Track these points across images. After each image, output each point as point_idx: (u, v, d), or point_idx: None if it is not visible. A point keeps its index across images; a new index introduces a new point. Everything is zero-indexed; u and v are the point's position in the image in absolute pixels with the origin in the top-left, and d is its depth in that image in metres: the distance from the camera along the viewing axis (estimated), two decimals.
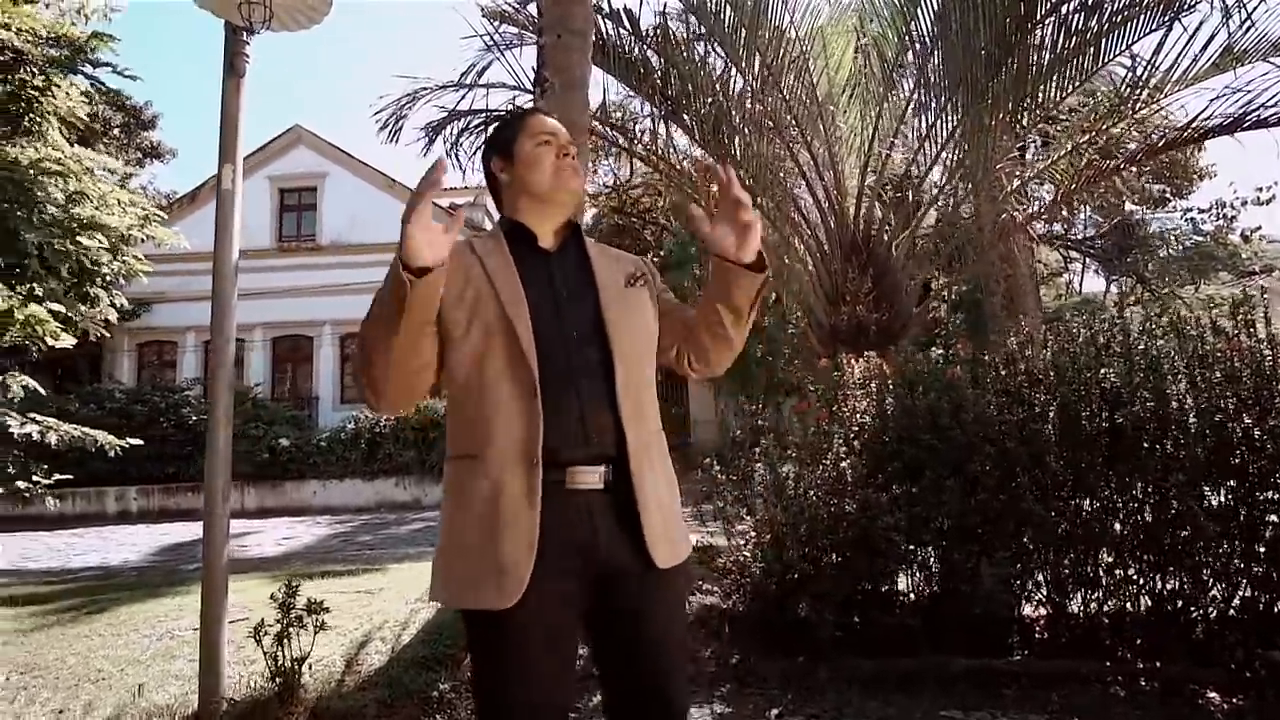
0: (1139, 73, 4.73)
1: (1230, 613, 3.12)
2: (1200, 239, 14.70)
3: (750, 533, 3.49)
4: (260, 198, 16.76)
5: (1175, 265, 14.12)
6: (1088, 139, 5.24)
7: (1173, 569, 3.16)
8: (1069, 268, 17.40)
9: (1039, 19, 4.59)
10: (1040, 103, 4.91)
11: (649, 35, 5.26)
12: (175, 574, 6.64)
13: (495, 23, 5.33)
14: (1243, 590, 3.06)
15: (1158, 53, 4.61)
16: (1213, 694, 2.89)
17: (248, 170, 16.88)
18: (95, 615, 4.54)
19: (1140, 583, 3.25)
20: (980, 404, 3.20)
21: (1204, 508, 3.02)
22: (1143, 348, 3.24)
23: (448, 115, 5.49)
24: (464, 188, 16.77)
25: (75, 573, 7.04)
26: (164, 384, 14.90)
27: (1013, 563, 3.14)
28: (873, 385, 3.69)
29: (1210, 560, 3.08)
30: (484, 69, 5.46)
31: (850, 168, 5.61)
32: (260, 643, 2.86)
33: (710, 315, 1.43)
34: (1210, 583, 3.12)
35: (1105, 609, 3.29)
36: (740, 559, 3.48)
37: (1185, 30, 4.49)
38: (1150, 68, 4.69)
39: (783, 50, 5.26)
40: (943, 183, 5.58)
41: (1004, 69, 4.74)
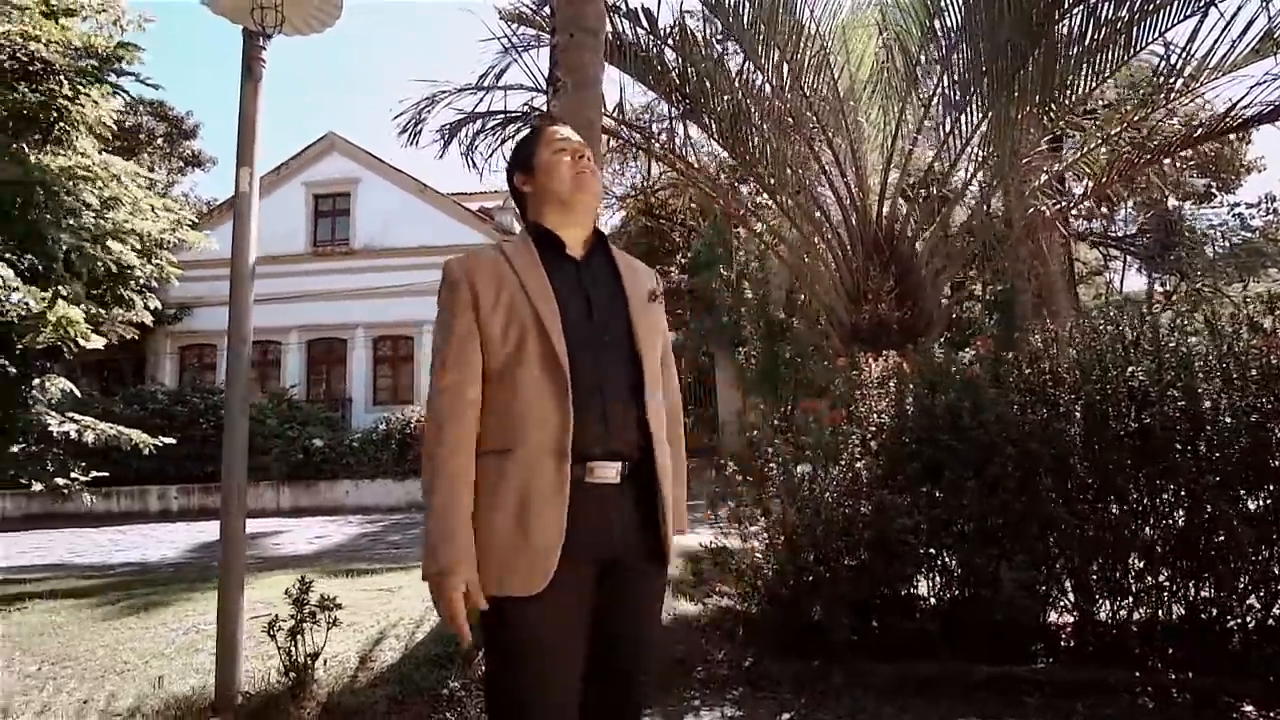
0: (1173, 61, 4.56)
1: (1270, 622, 2.98)
2: (1249, 235, 14.13)
3: (764, 534, 3.44)
4: (296, 203, 17.15)
5: (1222, 262, 13.60)
6: (1119, 131, 5.06)
7: (1207, 576, 3.03)
8: (1109, 266, 16.89)
9: (1066, 8, 4.45)
10: (1069, 95, 4.76)
11: (667, 34, 5.24)
12: (209, 570, 6.79)
13: (513, 25, 5.37)
14: None
15: (1192, 40, 4.44)
16: (1248, 707, 2.77)
17: (284, 177, 17.34)
18: (127, 609, 4.66)
19: (1172, 590, 3.13)
20: (1001, 404, 3.11)
21: (1239, 512, 2.89)
22: (1174, 345, 3.11)
23: (463, 118, 5.54)
24: (493, 192, 16.96)
25: (114, 568, 7.25)
26: (203, 386, 15.30)
27: (1034, 567, 3.05)
28: (891, 385, 3.62)
29: (1246, 567, 2.95)
30: (502, 71, 5.51)
31: (873, 165, 5.52)
32: (275, 638, 2.90)
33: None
34: (1247, 591, 2.98)
35: (1135, 617, 3.17)
36: (754, 561, 3.43)
37: (1221, 16, 4.32)
38: (1185, 56, 4.51)
39: (802, 47, 5.19)
40: (968, 178, 5.44)
41: (1030, 61, 4.61)
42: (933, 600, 3.42)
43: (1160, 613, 3.13)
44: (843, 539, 3.19)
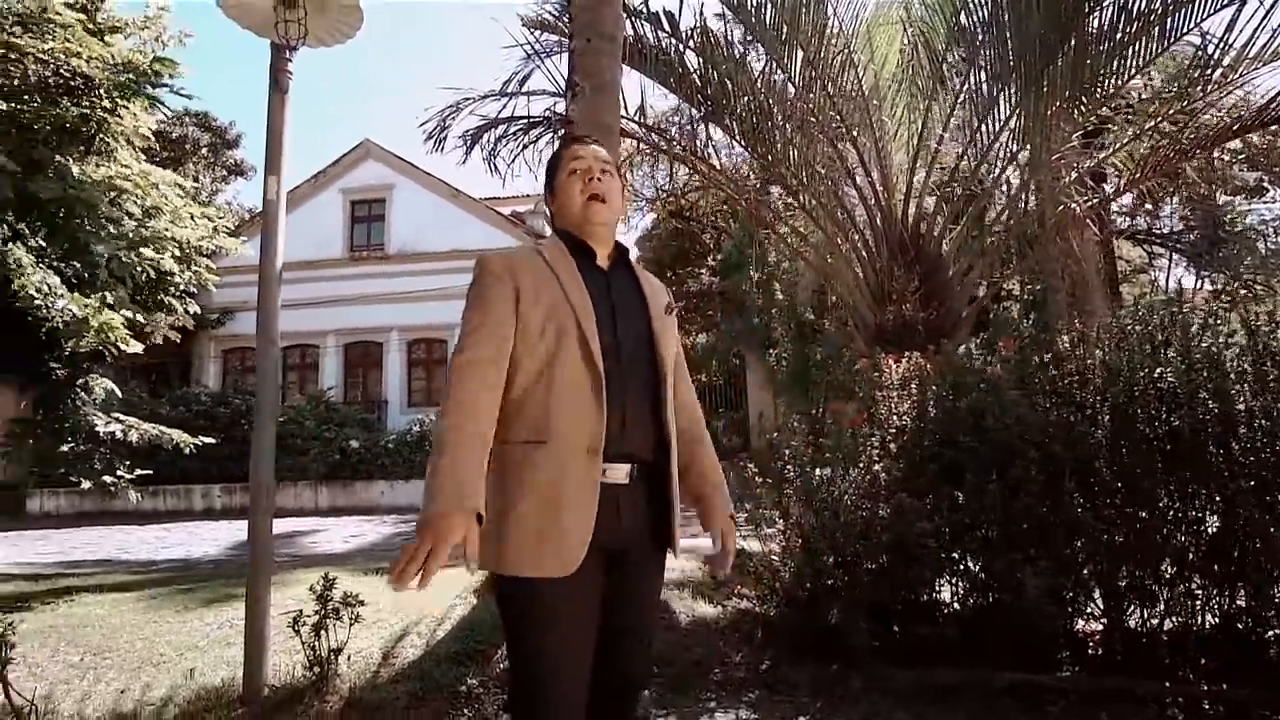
0: (1210, 51, 4.40)
1: None
2: None
3: (780, 537, 3.42)
4: (333, 210, 17.56)
5: (1275, 259, 13.05)
6: (1153, 126, 4.90)
7: (1241, 584, 2.93)
8: (1153, 264, 16.35)
9: (1097, 1, 4.33)
10: (1101, 89, 4.63)
11: (689, 36, 5.24)
12: (247, 568, 6.99)
13: (536, 31, 5.44)
14: None
15: (1230, 29, 4.28)
16: None
17: (322, 184, 17.73)
18: (167, 604, 4.83)
19: (1205, 598, 3.03)
20: (1022, 405, 3.05)
21: (1276, 517, 2.79)
22: (1205, 345, 3.01)
23: (485, 124, 5.63)
24: (524, 196, 17.14)
25: (158, 564, 7.50)
26: (246, 388, 15.73)
27: (1058, 573, 2.97)
28: (913, 386, 3.57)
29: None
30: (526, 77, 5.59)
31: (899, 164, 5.44)
32: (299, 633, 2.99)
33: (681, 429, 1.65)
34: None
35: (1166, 625, 3.08)
36: (771, 563, 3.42)
37: (1262, 4, 4.15)
38: (1223, 46, 4.36)
39: (826, 46, 5.15)
40: (996, 176, 5.33)
41: (1060, 55, 4.50)
42: (955, 606, 3.37)
43: (1193, 621, 3.04)
44: (861, 542, 3.16)
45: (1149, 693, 2.89)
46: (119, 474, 5.85)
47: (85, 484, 5.62)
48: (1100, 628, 3.21)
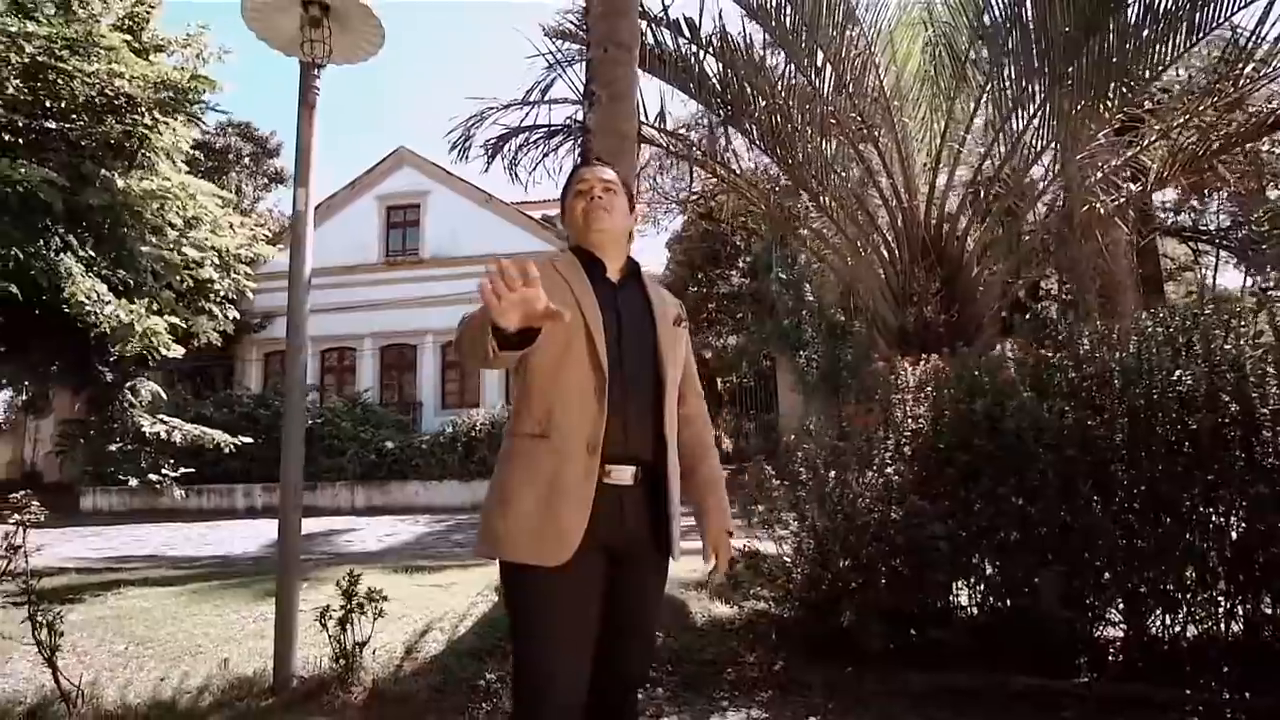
0: (1243, 45, 4.28)
1: None
2: None
3: (793, 538, 3.44)
4: (369, 216, 17.97)
5: None
6: (1181, 123, 4.78)
7: (1265, 591, 2.87)
8: (1199, 262, 15.81)
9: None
10: (1128, 86, 4.54)
11: (708, 41, 5.28)
12: None
13: (558, 41, 5.54)
14: None
15: (1262, 22, 4.16)
16: None
17: (359, 191, 18.12)
18: (207, 597, 5.03)
19: (1228, 605, 2.97)
20: (1035, 408, 3.02)
21: None
22: (1228, 347, 2.96)
23: (506, 133, 5.75)
24: (554, 200, 17.29)
25: (201, 560, 7.78)
26: (284, 390, 16.18)
27: (1073, 578, 2.94)
28: (929, 389, 3.56)
29: None
30: (548, 86, 5.69)
31: (920, 164, 5.39)
32: (325, 627, 3.11)
33: (684, 442, 1.74)
34: None
35: (1188, 632, 3.03)
36: (784, 564, 3.44)
37: None
38: (1255, 39, 4.24)
39: (845, 48, 5.14)
40: (1020, 176, 5.24)
41: (1085, 52, 4.43)
42: (973, 610, 3.35)
43: (1215, 628, 2.98)
44: (874, 545, 3.17)
45: (1168, 700, 2.85)
46: (163, 473, 6.13)
47: (133, 482, 5.92)
48: (1120, 634, 3.17)
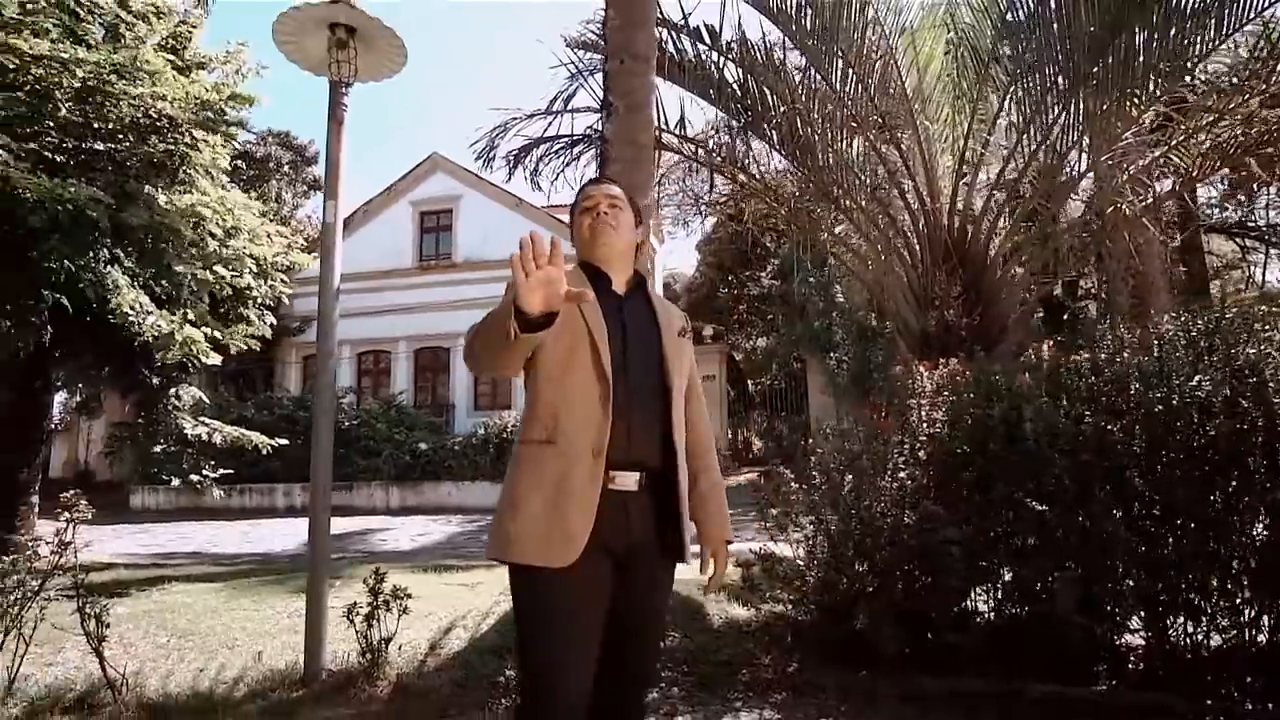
0: (1275, 39, 4.17)
1: None
2: None
3: (805, 541, 3.47)
4: (403, 221, 18.33)
5: None
6: (1210, 121, 4.66)
7: None
8: (1247, 259, 15.28)
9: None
10: (1157, 84, 4.45)
11: (728, 48, 5.32)
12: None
13: (580, 51, 5.64)
14: None
15: None
16: None
17: (393, 196, 18.46)
18: (245, 593, 5.24)
19: (1252, 614, 2.92)
20: (1051, 413, 3.01)
21: None
22: (1251, 352, 2.91)
23: (528, 143, 5.87)
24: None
25: (242, 557, 8.07)
26: None
27: (1090, 584, 2.92)
28: (946, 393, 3.56)
29: None
30: (570, 95, 5.79)
31: (943, 166, 5.35)
32: (353, 623, 3.24)
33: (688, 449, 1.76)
34: None
35: (1211, 642, 2.98)
36: (798, 567, 3.47)
37: None
38: None
39: (865, 50, 5.13)
40: (1046, 177, 5.16)
41: (1111, 50, 4.36)
42: (990, 616, 3.34)
43: (1239, 638, 2.93)
44: (887, 549, 3.19)
45: (1189, 710, 2.81)
46: (204, 473, 6.40)
47: (175, 482, 6.21)
48: (1141, 642, 3.13)
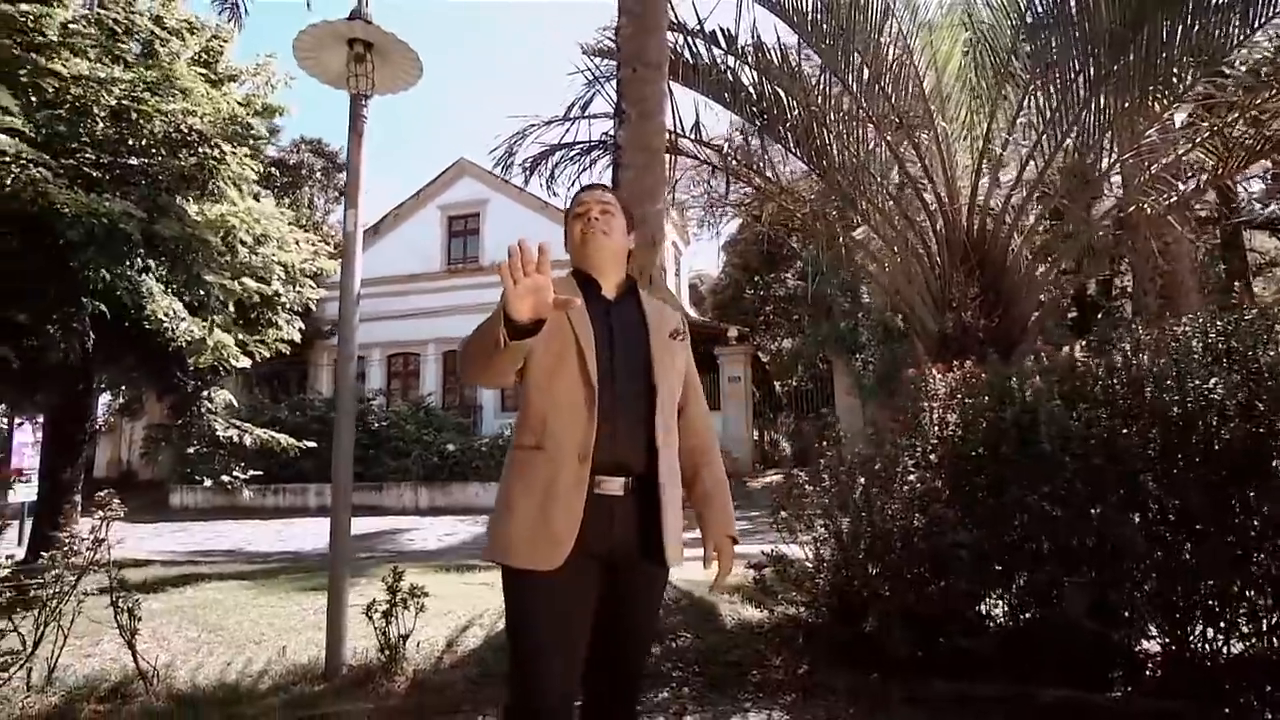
0: None
1: None
2: None
3: (814, 544, 3.48)
4: (431, 226, 18.64)
5: None
6: (1235, 119, 4.54)
7: None
8: None
9: None
10: (1179, 82, 4.36)
11: (743, 51, 5.33)
12: (350, 561, 7.62)
13: (596, 59, 5.70)
14: None
15: None
16: None
17: (422, 201, 18.77)
18: (274, 590, 5.40)
19: (1273, 621, 2.86)
20: (1062, 416, 2.99)
21: None
22: (1270, 355, 2.85)
23: (544, 151, 5.96)
24: None
25: (273, 556, 8.29)
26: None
27: (1100, 589, 2.89)
28: (959, 396, 3.54)
29: None
30: (587, 102, 5.86)
31: (962, 165, 5.30)
32: (371, 620, 3.33)
33: (687, 451, 1.81)
34: None
35: (1230, 649, 2.93)
36: (808, 569, 3.49)
37: None
38: None
39: (882, 50, 5.11)
40: (1067, 176, 5.08)
41: (1131, 48, 4.29)
42: (1003, 620, 3.32)
43: (1260, 646, 2.87)
44: (897, 552, 3.19)
45: (1206, 718, 2.77)
46: (234, 474, 6.62)
47: (208, 482, 6.45)
48: (1159, 648, 3.09)
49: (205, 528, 11.65)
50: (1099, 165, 4.75)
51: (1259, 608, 2.87)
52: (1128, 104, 4.43)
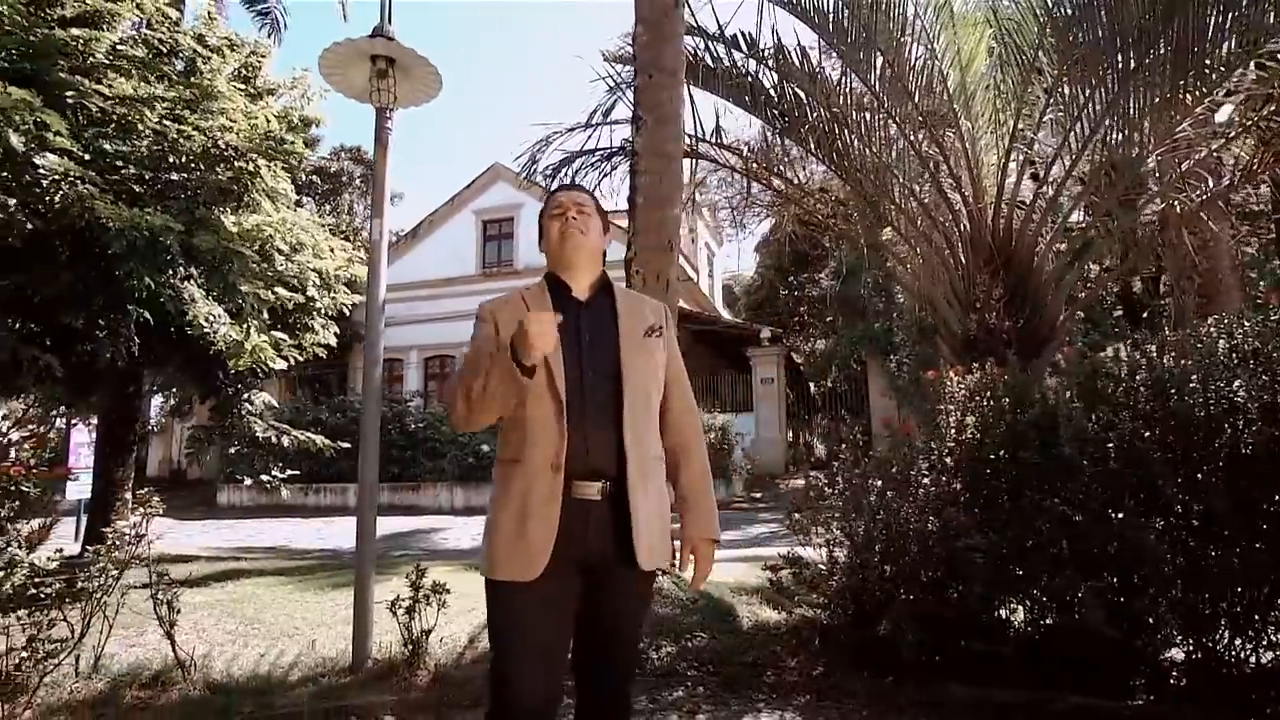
0: None
1: None
2: None
3: (825, 546, 3.49)
4: (467, 230, 18.94)
5: None
6: (1275, 108, 4.38)
7: None
8: None
9: None
10: (1210, 75, 4.24)
11: (763, 54, 5.34)
12: (385, 559, 7.81)
13: (618, 66, 5.77)
14: None
15: None
16: None
17: (457, 206, 19.06)
18: (310, 586, 5.59)
19: None
20: (1079, 419, 2.95)
21: None
22: None
23: (566, 158, 6.06)
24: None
25: (312, 553, 8.55)
26: (390, 396, 17.31)
27: (1116, 594, 2.85)
28: (978, 399, 3.51)
29: None
30: (609, 109, 5.94)
31: (986, 166, 5.22)
32: (395, 615, 3.45)
33: (668, 450, 1.81)
34: None
35: (1260, 659, 2.85)
36: (822, 572, 3.50)
37: None
38: None
39: (906, 49, 5.06)
40: (1097, 173, 4.96)
41: (1162, 40, 4.18)
42: (1022, 624, 3.28)
43: None
44: (910, 555, 3.18)
45: None
46: (273, 473, 6.87)
47: (247, 481, 6.70)
48: (1182, 656, 3.02)
49: (250, 525, 12.04)
50: (1134, 160, 4.61)
51: None
52: (1158, 98, 4.33)
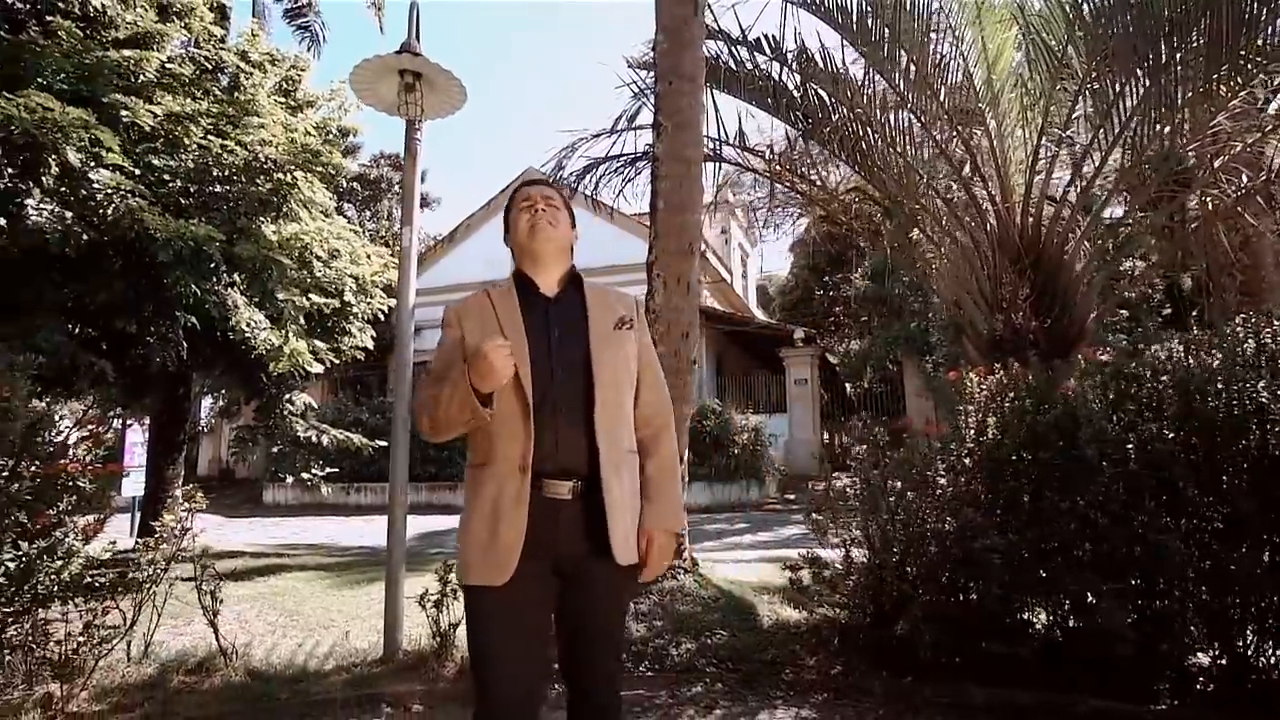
0: None
1: None
2: None
3: (842, 547, 3.51)
4: (501, 233, 19.18)
5: None
6: None
7: None
8: None
9: None
10: (1245, 66, 4.12)
11: (786, 57, 5.35)
12: (420, 555, 8.01)
13: (642, 72, 5.83)
14: None
15: None
16: None
17: (492, 211, 19.35)
18: (347, 581, 5.79)
19: None
20: (1098, 421, 2.92)
21: None
22: None
23: (590, 164, 6.15)
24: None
25: (352, 549, 8.80)
26: None
27: (1138, 597, 2.82)
28: (999, 399, 3.49)
29: None
30: (634, 114, 6.01)
31: (1014, 164, 5.15)
32: (424, 608, 3.57)
33: (640, 441, 1.77)
34: None
35: None
36: (839, 571, 3.52)
37: None
38: None
39: (931, 47, 5.02)
40: (1130, 170, 4.84)
41: (1195, 33, 4.09)
42: (1041, 627, 3.26)
43: None
44: (928, 556, 3.19)
45: None
46: (313, 472, 7.11)
47: (289, 480, 6.95)
48: (1209, 661, 2.97)
49: (294, 523, 12.43)
50: (1168, 155, 4.49)
51: None
52: (1192, 92, 4.22)
